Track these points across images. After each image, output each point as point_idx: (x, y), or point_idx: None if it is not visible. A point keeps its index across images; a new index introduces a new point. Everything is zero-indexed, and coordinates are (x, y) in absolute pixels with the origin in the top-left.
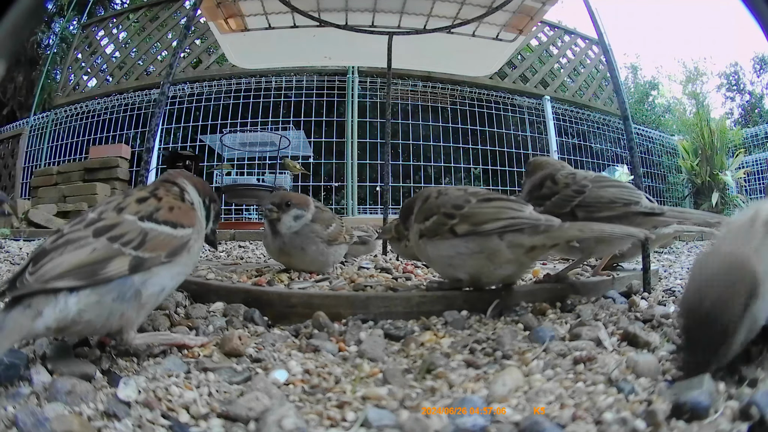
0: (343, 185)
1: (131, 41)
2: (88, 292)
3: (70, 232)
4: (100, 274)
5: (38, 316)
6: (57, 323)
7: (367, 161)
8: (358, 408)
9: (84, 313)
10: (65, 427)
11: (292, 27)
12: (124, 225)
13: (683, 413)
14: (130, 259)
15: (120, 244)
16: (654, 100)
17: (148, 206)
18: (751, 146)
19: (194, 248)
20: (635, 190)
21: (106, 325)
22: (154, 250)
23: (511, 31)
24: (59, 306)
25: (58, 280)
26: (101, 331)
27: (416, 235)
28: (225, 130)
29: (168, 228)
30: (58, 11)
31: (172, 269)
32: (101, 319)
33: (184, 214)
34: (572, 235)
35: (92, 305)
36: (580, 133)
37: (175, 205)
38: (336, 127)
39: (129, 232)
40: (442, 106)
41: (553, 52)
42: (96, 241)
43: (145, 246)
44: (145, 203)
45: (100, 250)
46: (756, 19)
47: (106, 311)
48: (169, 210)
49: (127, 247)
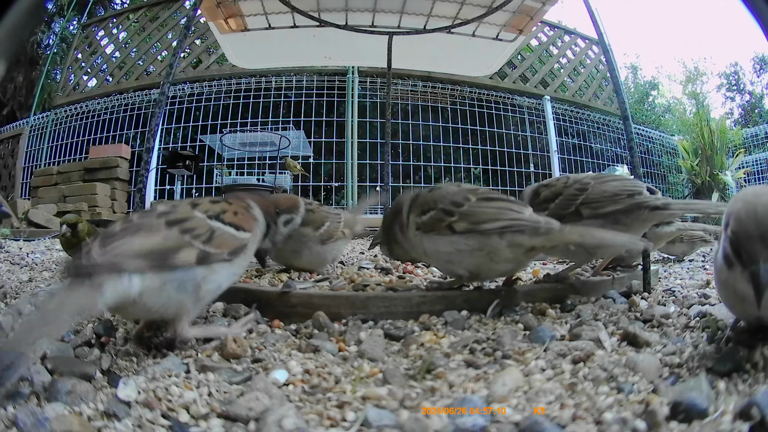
0: (343, 185)
1: (131, 41)
2: (153, 276)
3: (141, 220)
4: (170, 261)
5: (99, 294)
6: (116, 302)
7: (367, 161)
8: (358, 408)
9: (145, 296)
10: (65, 427)
11: (292, 27)
12: (194, 220)
13: (683, 413)
14: (197, 252)
15: (191, 236)
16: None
17: (217, 207)
18: (751, 146)
19: (249, 252)
20: (636, 181)
21: (162, 312)
22: (219, 247)
23: (511, 31)
24: (122, 286)
25: (130, 260)
26: (154, 316)
27: (413, 227)
28: (225, 130)
29: (232, 229)
30: (58, 11)
31: (230, 268)
32: (158, 305)
33: (245, 220)
34: (572, 239)
35: (155, 290)
36: (580, 133)
37: (239, 211)
38: (336, 127)
39: (199, 227)
40: (442, 106)
41: (553, 52)
42: (168, 231)
43: (212, 242)
44: (216, 205)
45: (171, 239)
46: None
47: (166, 298)
48: (234, 214)
49: (197, 240)
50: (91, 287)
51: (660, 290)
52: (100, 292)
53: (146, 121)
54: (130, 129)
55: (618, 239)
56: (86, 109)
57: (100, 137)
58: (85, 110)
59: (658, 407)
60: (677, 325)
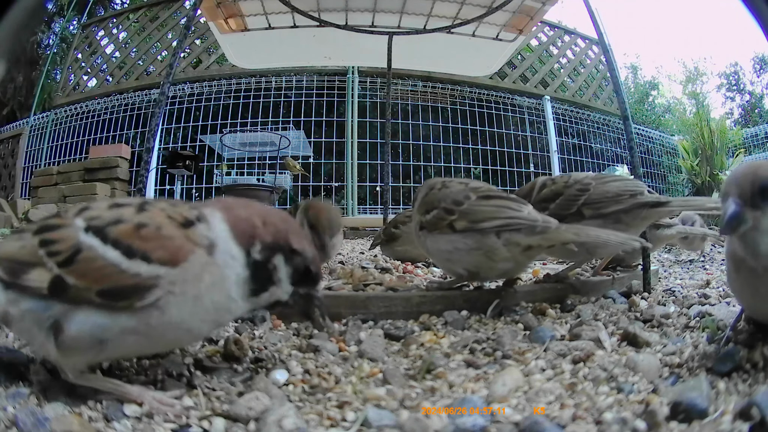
0: (343, 185)
1: (131, 41)
2: (9, 293)
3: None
4: (20, 278)
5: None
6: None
7: (367, 161)
8: (358, 408)
9: (8, 315)
10: (65, 427)
11: (292, 27)
12: (62, 229)
13: (683, 413)
14: (51, 277)
15: (46, 251)
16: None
17: (117, 213)
18: (751, 146)
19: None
20: (637, 182)
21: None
22: (83, 279)
23: (511, 31)
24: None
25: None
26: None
27: (416, 226)
28: (225, 130)
29: (117, 254)
30: (58, 11)
31: (115, 321)
32: (21, 334)
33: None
34: (568, 237)
35: (13, 312)
36: (580, 133)
37: (160, 225)
38: (336, 127)
39: (60, 240)
40: (442, 106)
41: (553, 52)
42: (31, 238)
43: (72, 267)
44: (124, 209)
45: (26, 249)
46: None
47: (25, 329)
48: (138, 228)
49: (51, 259)
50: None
51: (660, 290)
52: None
53: (146, 121)
54: (130, 129)
55: (615, 238)
56: (86, 109)
57: (100, 137)
58: (85, 110)
59: (658, 407)
60: (677, 325)
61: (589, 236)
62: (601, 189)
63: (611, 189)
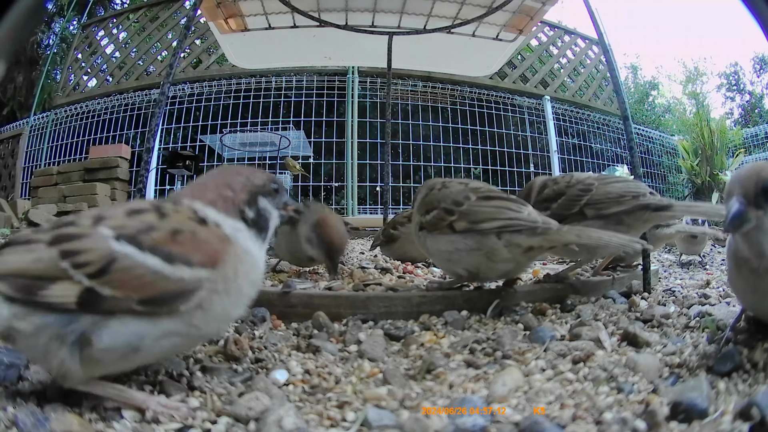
0: (343, 185)
1: (131, 41)
2: (22, 310)
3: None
4: (38, 295)
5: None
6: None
7: (367, 161)
8: (358, 408)
9: (15, 332)
10: (65, 427)
11: (292, 27)
12: (87, 239)
13: (683, 413)
14: (80, 289)
15: (71, 263)
16: (654, 100)
17: (144, 220)
18: (751, 146)
19: (210, 302)
20: (639, 183)
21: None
22: (122, 288)
23: (511, 31)
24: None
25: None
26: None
27: (416, 226)
28: (225, 130)
29: (158, 260)
30: (58, 11)
31: (158, 326)
32: (32, 352)
33: (197, 244)
34: (569, 239)
35: (25, 330)
36: (580, 133)
37: (186, 228)
38: (336, 127)
39: (88, 251)
40: (442, 106)
41: (553, 52)
42: (47, 250)
43: (108, 277)
44: (147, 215)
45: (43, 262)
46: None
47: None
48: (172, 233)
49: (80, 270)
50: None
51: (660, 290)
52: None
53: (146, 121)
54: (130, 129)
55: (616, 240)
56: (86, 109)
57: (100, 137)
58: (85, 110)
59: (658, 407)
60: (677, 325)
61: (590, 238)
62: (604, 190)
63: (614, 190)
